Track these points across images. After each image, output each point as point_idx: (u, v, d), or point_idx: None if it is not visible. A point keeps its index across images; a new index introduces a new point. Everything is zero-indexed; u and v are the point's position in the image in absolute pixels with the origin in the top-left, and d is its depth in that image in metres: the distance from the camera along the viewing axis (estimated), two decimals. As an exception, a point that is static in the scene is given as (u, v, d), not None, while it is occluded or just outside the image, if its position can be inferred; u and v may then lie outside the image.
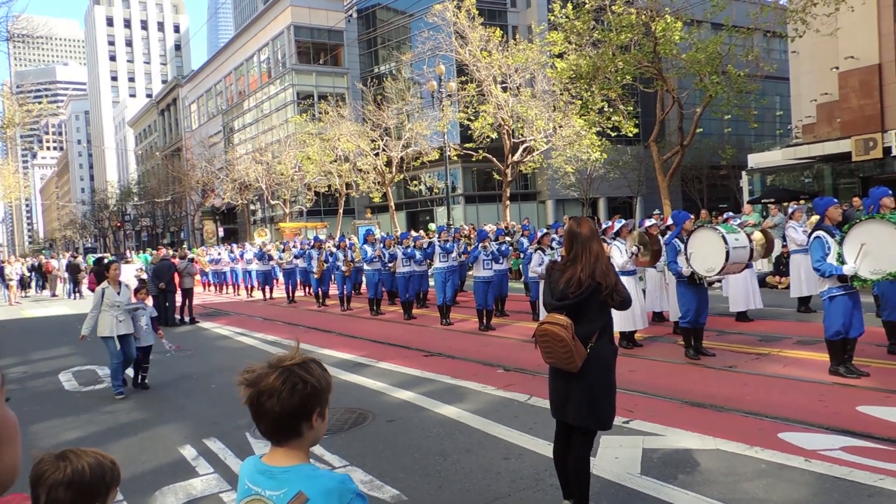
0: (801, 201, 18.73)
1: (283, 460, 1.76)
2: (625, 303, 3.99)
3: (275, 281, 21.85)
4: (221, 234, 55.52)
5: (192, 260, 18.36)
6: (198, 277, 23.11)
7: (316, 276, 18.02)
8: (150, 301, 10.18)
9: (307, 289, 20.86)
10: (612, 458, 4.96)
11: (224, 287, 25.37)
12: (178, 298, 16.26)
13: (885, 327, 7.88)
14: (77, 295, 26.68)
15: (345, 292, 16.64)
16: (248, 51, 61.27)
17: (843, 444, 4.97)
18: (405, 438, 5.88)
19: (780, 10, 19.76)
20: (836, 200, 7.63)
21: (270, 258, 21.16)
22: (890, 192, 8.05)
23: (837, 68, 25.22)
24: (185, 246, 52.77)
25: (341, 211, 40.45)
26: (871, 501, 4.01)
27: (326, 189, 39.49)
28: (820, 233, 7.01)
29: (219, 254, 25.58)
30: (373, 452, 5.56)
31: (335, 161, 36.10)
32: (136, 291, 9.00)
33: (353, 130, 34.34)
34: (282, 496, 1.71)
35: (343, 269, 16.47)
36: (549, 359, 3.90)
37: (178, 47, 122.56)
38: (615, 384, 4.03)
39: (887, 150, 23.31)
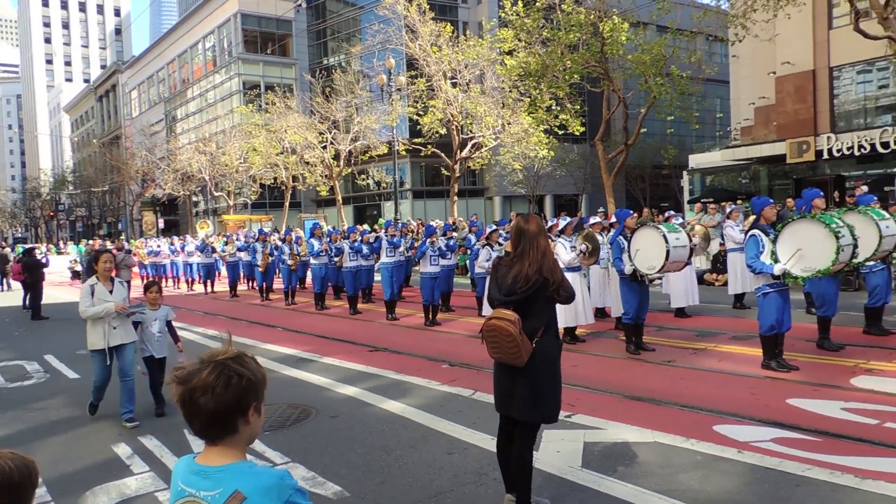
0: (739, 201, 19.33)
1: (219, 459, 1.70)
2: (570, 298, 4.04)
3: (217, 274, 21.37)
4: (162, 225, 54.08)
5: (129, 252, 17.80)
6: (136, 270, 22.44)
7: (261, 269, 17.72)
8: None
9: (250, 283, 20.50)
10: (554, 451, 5.02)
11: (164, 280, 24.69)
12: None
13: (818, 323, 8.19)
14: (5, 286, 25.56)
15: (290, 286, 16.41)
16: (193, 38, 59.69)
17: (773, 435, 5.15)
18: (349, 434, 5.83)
19: (722, 15, 20.33)
20: (771, 201, 7.90)
21: (213, 251, 20.69)
22: (821, 193, 8.39)
23: (774, 73, 26.13)
24: (122, 237, 51.18)
25: (287, 204, 39.84)
26: (799, 490, 4.17)
27: (272, 181, 38.84)
28: (755, 231, 7.24)
29: (158, 246, 24.86)
30: (315, 448, 5.49)
31: (282, 153, 35.53)
32: (147, 289, 7.09)
33: (301, 122, 33.85)
34: (217, 496, 1.65)
35: (289, 262, 16.24)
36: (495, 354, 3.92)
37: (118, 31, 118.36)
38: (560, 378, 4.07)
39: (819, 154, 24.28)
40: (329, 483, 4.68)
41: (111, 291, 6.45)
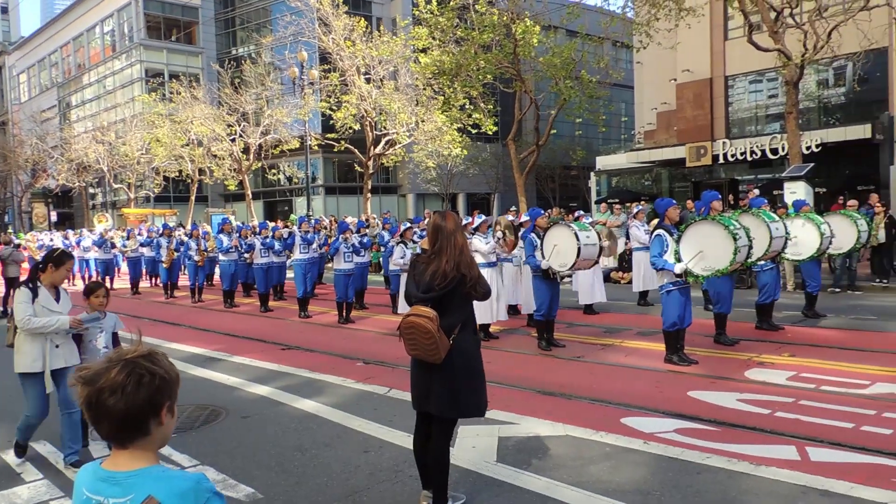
0: (643, 202, 20.19)
1: (129, 463, 1.60)
2: (486, 295, 4.10)
3: (116, 271, 20.33)
4: (54, 218, 50.87)
5: (18, 246, 16.67)
6: (25, 265, 21.03)
7: (165, 265, 16.99)
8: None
9: (154, 279, 19.65)
10: (470, 447, 5.08)
11: (58, 276, 23.28)
12: (2, 289, 14.71)
13: (716, 319, 8.66)
14: None
15: (197, 283, 15.83)
16: (90, 20, 56.41)
17: (676, 426, 5.41)
18: (261, 434, 5.69)
19: (628, 23, 21.13)
20: (674, 202, 8.29)
21: (113, 246, 19.68)
22: (719, 196, 8.88)
23: (675, 80, 27.43)
24: (10, 231, 47.75)
25: (193, 198, 38.39)
26: (700, 478, 4.40)
27: (177, 174, 37.28)
28: (660, 231, 7.59)
29: (51, 240, 23.40)
30: (226, 450, 5.33)
31: (187, 145, 34.17)
32: (90, 293, 5.61)
33: (208, 113, 32.65)
34: (129, 503, 1.57)
35: (196, 259, 15.67)
36: (413, 351, 3.92)
37: (4, 10, 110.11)
38: (483, 373, 4.13)
39: (715, 158, 25.68)
40: (241, 485, 4.56)
41: (58, 300, 5.17)
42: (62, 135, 48.04)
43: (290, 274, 15.21)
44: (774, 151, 23.40)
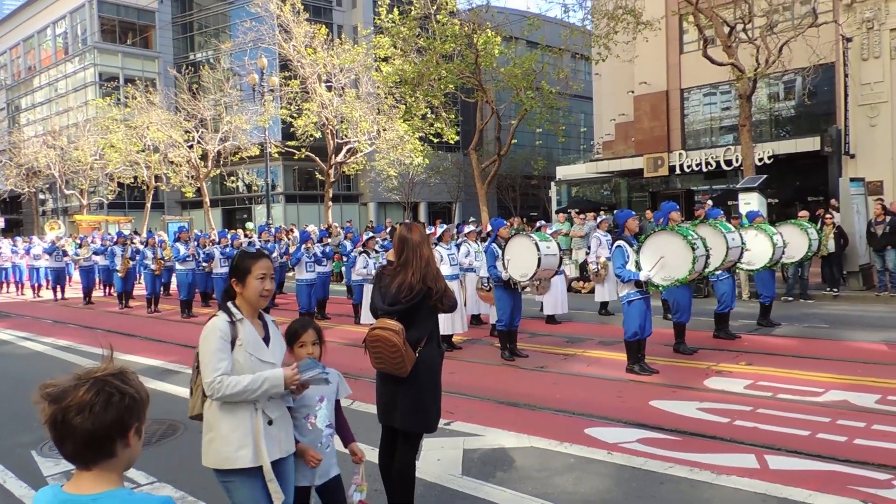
0: (602, 212, 20.48)
1: (92, 486, 1.54)
2: (453, 307, 4.09)
3: (68, 279, 19.76)
4: (2, 224, 49.17)
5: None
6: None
7: (120, 274, 16.55)
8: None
9: (108, 289, 19.15)
10: (435, 459, 5.05)
11: (6, 285, 22.51)
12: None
13: (675, 328, 8.80)
14: None
15: (153, 293, 15.47)
16: (41, 21, 54.98)
17: (639, 436, 5.47)
18: (221, 450, 5.56)
19: (587, 35, 21.46)
20: (634, 213, 8.41)
21: (64, 254, 19.13)
22: (677, 206, 9.05)
23: (633, 92, 27.95)
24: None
25: (149, 205, 37.57)
26: (663, 488, 4.45)
27: (132, 181, 36.50)
28: (621, 242, 7.69)
29: (-1, 247, 22.65)
30: (184, 467, 5.19)
31: (143, 151, 33.49)
32: (293, 339, 3.39)
33: (165, 119, 32.06)
34: None
35: (152, 267, 15.32)
36: (378, 364, 3.88)
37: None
38: (441, 387, 4.10)
39: (672, 169, 26.21)
40: (201, 503, 4.44)
41: (267, 340, 3.12)
42: (11, 138, 46.59)
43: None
44: (728, 163, 23.98)
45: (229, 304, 3.07)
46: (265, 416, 2.98)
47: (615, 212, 8.81)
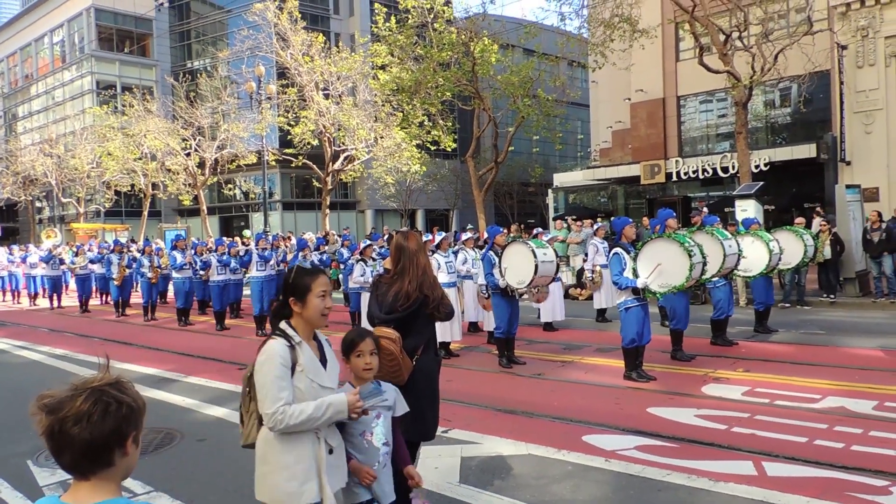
0: (599, 219, 20.51)
1: (91, 496, 1.53)
2: (450, 315, 4.09)
3: (64, 288, 19.71)
4: (-1, 233, 49.14)
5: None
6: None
7: (116, 283, 16.53)
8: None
9: (104, 297, 19.11)
10: (433, 467, 5.04)
11: (2, 294, 22.47)
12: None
13: (672, 335, 8.81)
14: None
15: (150, 301, 15.45)
16: (39, 30, 55.07)
17: (636, 443, 5.46)
18: (218, 458, 5.55)
19: (583, 43, 21.57)
20: (630, 220, 8.44)
21: (61, 262, 19.09)
22: (674, 213, 9.07)
23: (629, 99, 28.05)
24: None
25: (146, 213, 37.55)
26: (661, 495, 4.44)
27: (129, 188, 36.46)
28: (618, 249, 7.71)
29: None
30: (181, 476, 5.18)
31: (140, 159, 33.48)
32: (350, 350, 3.14)
33: (162, 127, 32.08)
34: None
35: (149, 275, 15.29)
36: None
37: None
38: (438, 395, 4.10)
39: (669, 176, 26.29)
40: (197, 513, 4.43)
41: (324, 362, 2.91)
42: (7, 147, 46.60)
43: (246, 291, 14.96)
44: (725, 170, 24.06)
45: (283, 325, 2.82)
46: (327, 445, 2.77)
47: (612, 219, 8.84)
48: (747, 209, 14.21)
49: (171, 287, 16.16)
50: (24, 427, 6.33)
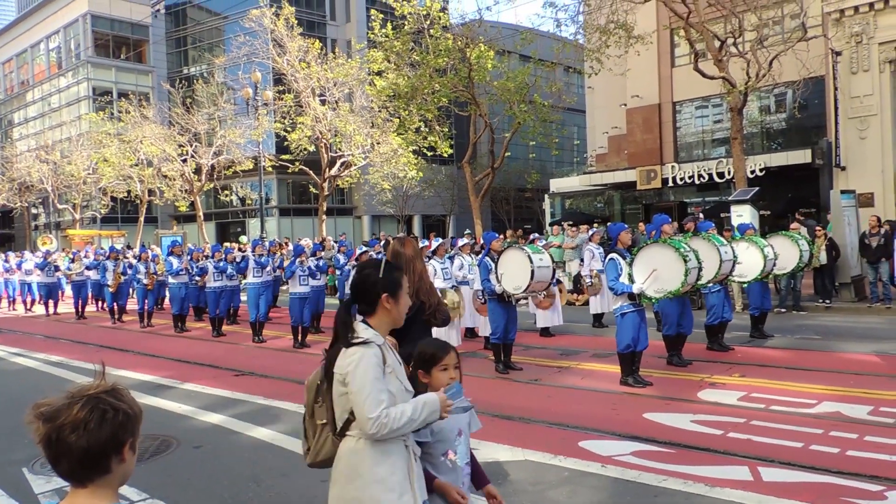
0: (595, 224, 20.53)
1: (88, 503, 1.54)
2: (446, 321, 4.10)
3: (60, 294, 19.68)
4: (-6, 240, 49.05)
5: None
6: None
7: (112, 289, 16.49)
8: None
9: (100, 303, 19.07)
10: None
11: (-4, 301, 22.42)
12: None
13: (665, 341, 8.83)
14: None
15: (146, 307, 15.42)
16: (35, 36, 55.06)
17: (633, 448, 5.47)
18: (214, 465, 5.54)
19: (579, 49, 21.63)
20: (626, 226, 8.47)
21: (56, 269, 19.06)
22: (670, 219, 9.10)
23: (625, 105, 28.13)
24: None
25: (142, 219, 37.49)
26: (657, 501, 4.45)
27: (125, 195, 36.41)
28: (614, 255, 7.73)
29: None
30: (177, 482, 5.17)
31: (136, 165, 33.43)
32: (432, 364, 2.95)
33: (159, 133, 32.03)
34: None
35: (145, 282, 15.28)
36: (371, 379, 3.88)
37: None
38: None
39: (665, 181, 26.35)
40: (193, 520, 4.42)
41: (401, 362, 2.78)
42: (3, 153, 46.55)
43: (243, 297, 14.95)
44: (721, 175, 24.13)
45: (361, 325, 2.61)
46: (413, 452, 2.53)
47: (608, 225, 8.86)
48: (743, 215, 14.24)
49: (167, 293, 16.17)
50: (19, 434, 6.31)
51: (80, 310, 17.94)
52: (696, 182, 25.25)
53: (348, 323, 2.59)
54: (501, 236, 12.56)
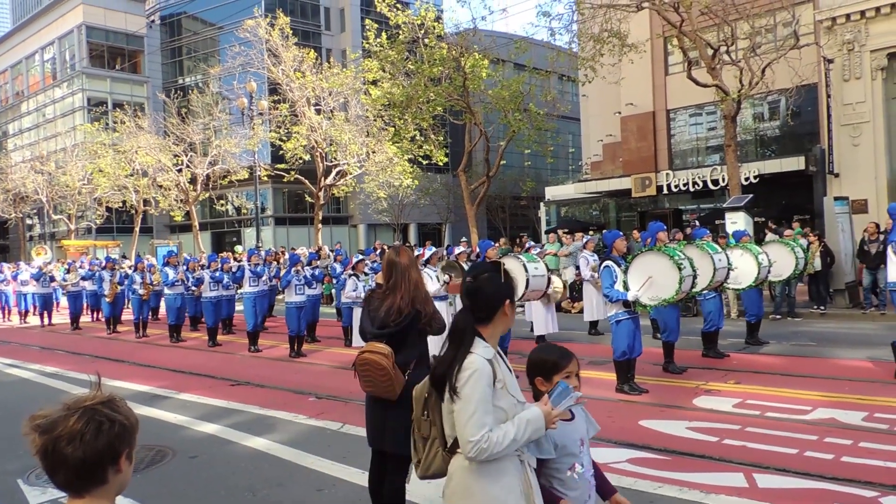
0: (591, 232, 20.58)
1: None
2: (442, 329, 4.10)
3: (55, 305, 19.62)
4: (-11, 251, 48.91)
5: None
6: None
7: (108, 299, 16.45)
8: None
9: (96, 314, 19.02)
10: (425, 482, 5.03)
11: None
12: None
13: (664, 348, 8.84)
14: None
15: (141, 318, 15.39)
16: (29, 48, 55.15)
17: (628, 456, 5.48)
18: (210, 475, 5.53)
19: (573, 57, 21.76)
20: (621, 234, 8.50)
21: (52, 279, 19.02)
22: (665, 226, 9.13)
23: (620, 113, 28.25)
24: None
25: (137, 229, 37.46)
26: (653, 508, 4.46)
27: (121, 205, 36.40)
28: (609, 262, 7.76)
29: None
30: (173, 493, 5.16)
31: (132, 175, 33.47)
32: (553, 371, 2.74)
33: (154, 143, 32.10)
34: None
35: (140, 292, 15.25)
36: (368, 387, 3.89)
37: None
38: None
39: (660, 189, 26.42)
40: (189, 531, 4.41)
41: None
42: (-2, 164, 46.48)
43: (239, 307, 14.93)
44: (715, 182, 24.22)
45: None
46: (529, 465, 2.40)
47: (603, 232, 8.91)
48: (737, 222, 14.31)
49: (162, 303, 16.15)
50: (14, 445, 6.29)
51: (75, 320, 17.89)
52: (691, 189, 25.34)
53: (470, 334, 2.43)
54: (497, 245, 12.61)
